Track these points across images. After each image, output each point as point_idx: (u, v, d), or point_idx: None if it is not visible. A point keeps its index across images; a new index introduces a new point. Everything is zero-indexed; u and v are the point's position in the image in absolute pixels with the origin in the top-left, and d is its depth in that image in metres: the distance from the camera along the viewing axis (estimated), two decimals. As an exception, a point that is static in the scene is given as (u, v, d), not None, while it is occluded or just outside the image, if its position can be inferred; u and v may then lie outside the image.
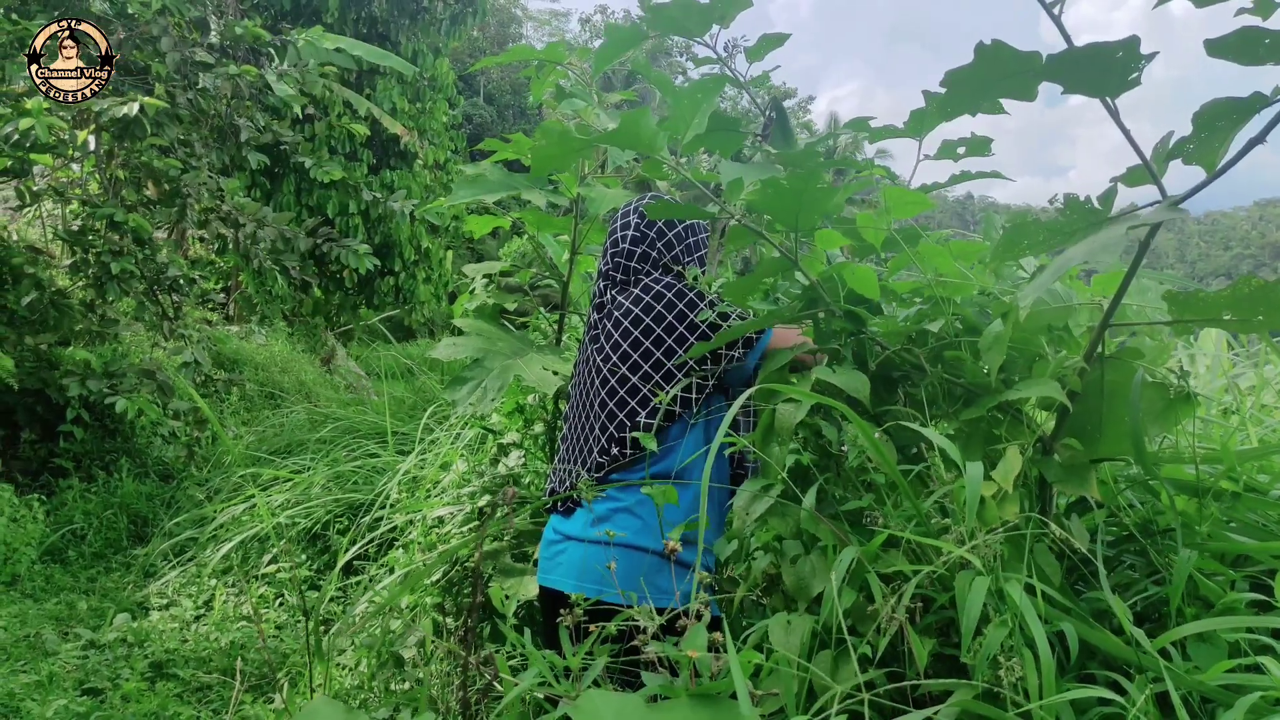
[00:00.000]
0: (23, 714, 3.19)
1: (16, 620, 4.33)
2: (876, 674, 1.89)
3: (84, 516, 5.69)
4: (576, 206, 3.75)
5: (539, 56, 3.61)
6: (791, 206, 1.96)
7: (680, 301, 2.37)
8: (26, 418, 6.25)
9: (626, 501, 2.33)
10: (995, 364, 1.88)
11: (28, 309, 6.39)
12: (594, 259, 4.01)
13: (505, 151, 3.83)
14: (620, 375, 2.39)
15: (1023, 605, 1.69)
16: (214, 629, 4.28)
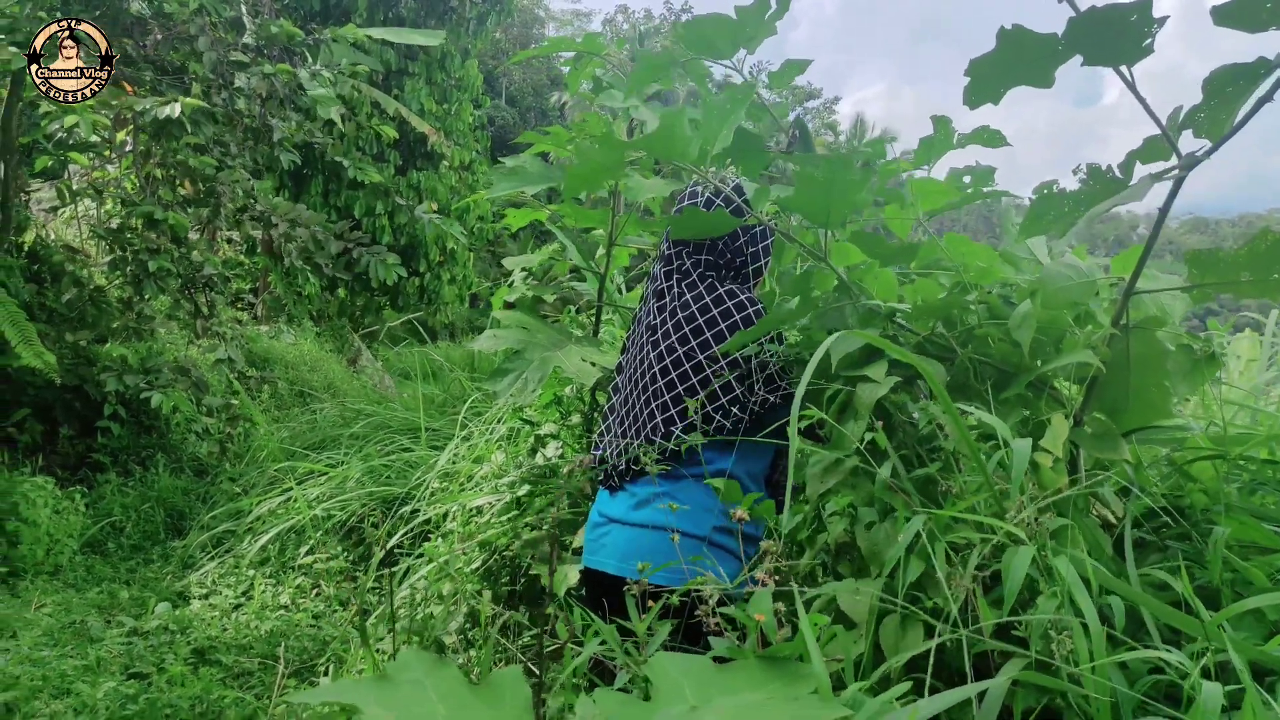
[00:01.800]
0: (74, 694, 3.25)
1: (61, 608, 4.41)
2: (947, 636, 1.93)
3: (122, 510, 5.77)
4: (614, 198, 3.79)
5: (576, 48, 3.65)
6: (822, 201, 2.00)
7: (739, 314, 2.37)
8: (65, 413, 6.34)
9: (667, 487, 2.36)
10: (1027, 340, 1.91)
11: (66, 306, 6.49)
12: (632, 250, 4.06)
13: (543, 144, 3.88)
14: (673, 375, 2.42)
15: (1069, 578, 1.72)
16: (253, 617, 4.34)
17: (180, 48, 6.92)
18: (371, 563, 4.49)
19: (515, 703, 1.29)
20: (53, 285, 6.63)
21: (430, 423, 6.20)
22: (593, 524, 2.54)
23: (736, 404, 2.37)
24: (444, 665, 1.30)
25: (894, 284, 2.12)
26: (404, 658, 1.28)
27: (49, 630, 4.01)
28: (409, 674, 1.26)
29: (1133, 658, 1.62)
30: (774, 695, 1.38)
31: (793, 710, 1.31)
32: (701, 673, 1.41)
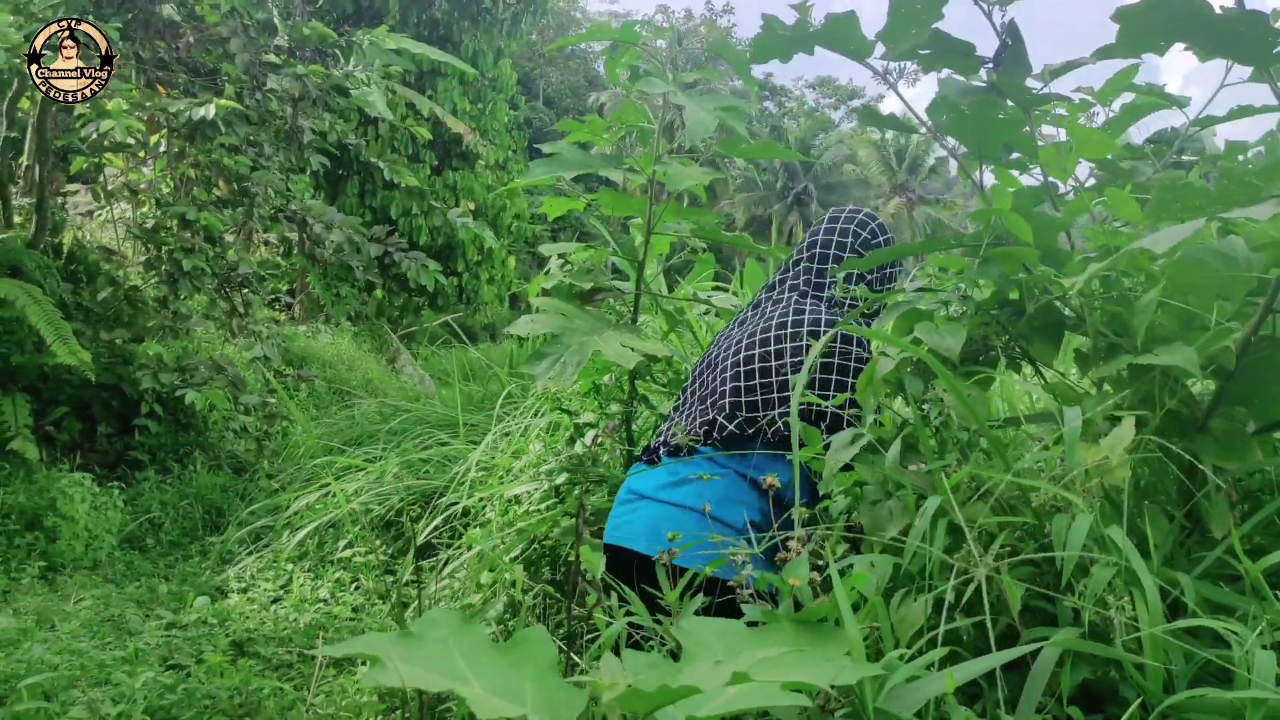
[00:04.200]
0: (114, 684, 3.23)
1: (100, 602, 4.41)
2: (963, 621, 1.86)
3: (160, 506, 5.79)
4: (651, 187, 3.73)
5: (614, 36, 3.62)
6: (975, 133, 1.94)
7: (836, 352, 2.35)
8: (103, 412, 6.38)
9: (703, 469, 2.32)
10: (1142, 324, 1.83)
11: (102, 305, 6.53)
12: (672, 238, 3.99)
13: (580, 133, 3.83)
14: (755, 368, 2.41)
15: (1126, 548, 1.64)
16: (292, 610, 4.31)
17: (213, 50, 6.96)
18: (409, 555, 4.47)
19: (540, 661, 1.24)
20: (88, 285, 6.68)
21: (469, 418, 6.17)
22: (620, 500, 2.50)
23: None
24: (470, 624, 1.25)
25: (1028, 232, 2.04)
26: (431, 615, 1.23)
27: (87, 623, 4.01)
28: (435, 632, 1.22)
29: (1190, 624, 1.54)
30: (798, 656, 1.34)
31: (824, 667, 1.26)
32: (733, 635, 1.38)
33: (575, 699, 1.17)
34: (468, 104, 14.20)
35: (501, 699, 1.14)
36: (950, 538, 1.95)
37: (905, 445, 2.30)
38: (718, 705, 1.14)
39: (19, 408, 5.45)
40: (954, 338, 2.10)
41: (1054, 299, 2.16)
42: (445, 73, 13.89)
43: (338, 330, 11.14)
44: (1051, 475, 2.03)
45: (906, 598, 1.94)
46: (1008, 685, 1.69)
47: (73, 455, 5.92)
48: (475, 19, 13.96)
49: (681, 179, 3.72)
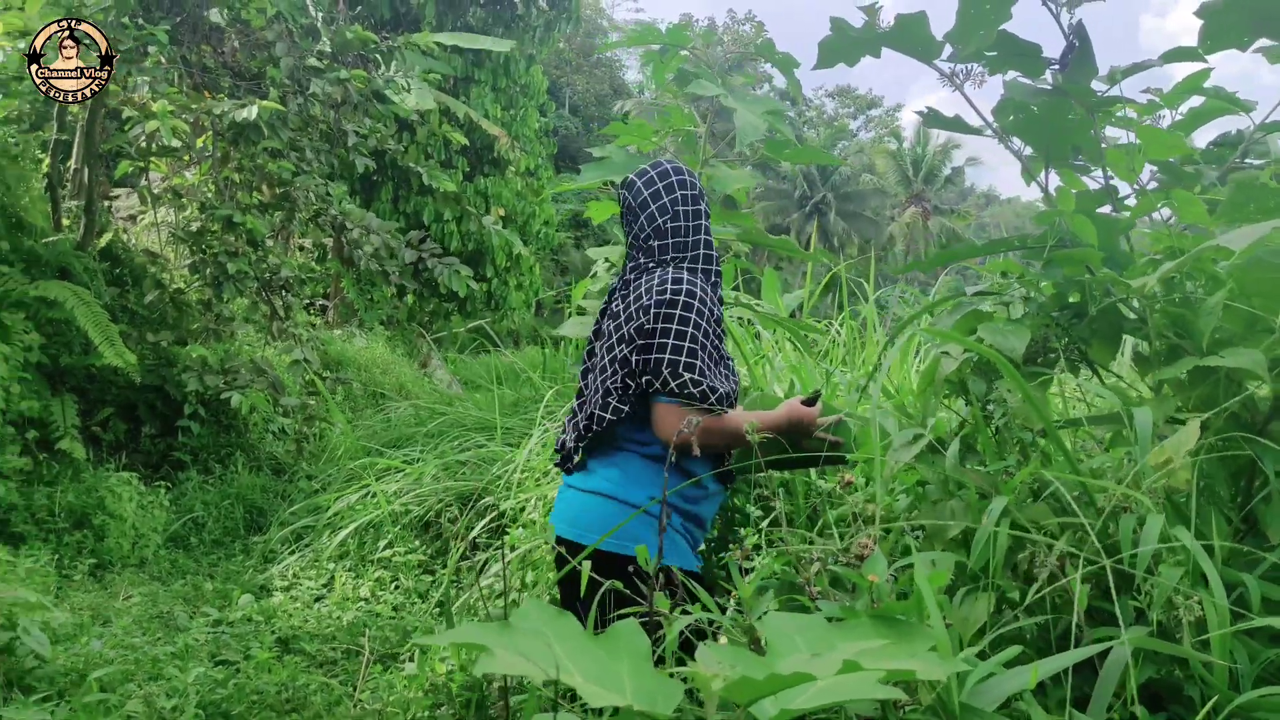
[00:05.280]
0: (166, 678, 3.28)
1: (148, 599, 4.48)
2: (1027, 622, 1.87)
3: (204, 506, 5.86)
4: (697, 190, 3.75)
5: (662, 39, 3.65)
6: (1042, 134, 1.96)
7: (677, 309, 2.28)
8: (147, 412, 6.47)
9: (612, 456, 2.38)
10: (1207, 327, 1.83)
11: (148, 308, 6.62)
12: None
13: (627, 136, 3.87)
14: (611, 357, 2.39)
15: (1193, 548, 1.65)
16: (335, 608, 4.36)
17: (258, 54, 7.05)
18: (451, 555, 4.51)
19: (633, 652, 1.26)
20: (134, 288, 6.77)
21: (504, 421, 6.21)
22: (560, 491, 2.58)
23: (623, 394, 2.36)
24: (563, 616, 1.28)
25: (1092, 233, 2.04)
26: (525, 608, 1.26)
27: (138, 619, 4.08)
28: (530, 622, 1.24)
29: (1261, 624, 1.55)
30: (890, 649, 1.35)
31: (911, 663, 1.27)
32: (814, 629, 1.40)
33: (673, 689, 1.19)
34: (499, 110, 14.29)
35: (603, 688, 1.16)
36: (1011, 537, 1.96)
37: (964, 445, 2.31)
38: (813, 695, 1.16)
39: (67, 408, 5.53)
40: (1018, 338, 2.11)
41: (1117, 301, 2.17)
42: (478, 80, 13.98)
43: (371, 334, 11.23)
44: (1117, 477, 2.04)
45: (968, 596, 1.95)
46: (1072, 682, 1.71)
47: (118, 455, 5.99)
48: (508, 25, 14.05)
49: (729, 182, 3.76)
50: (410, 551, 4.81)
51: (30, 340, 5.20)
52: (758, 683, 1.09)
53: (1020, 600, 1.87)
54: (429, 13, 13.18)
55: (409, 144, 12.24)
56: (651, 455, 2.33)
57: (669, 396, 2.23)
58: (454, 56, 12.11)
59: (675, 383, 2.22)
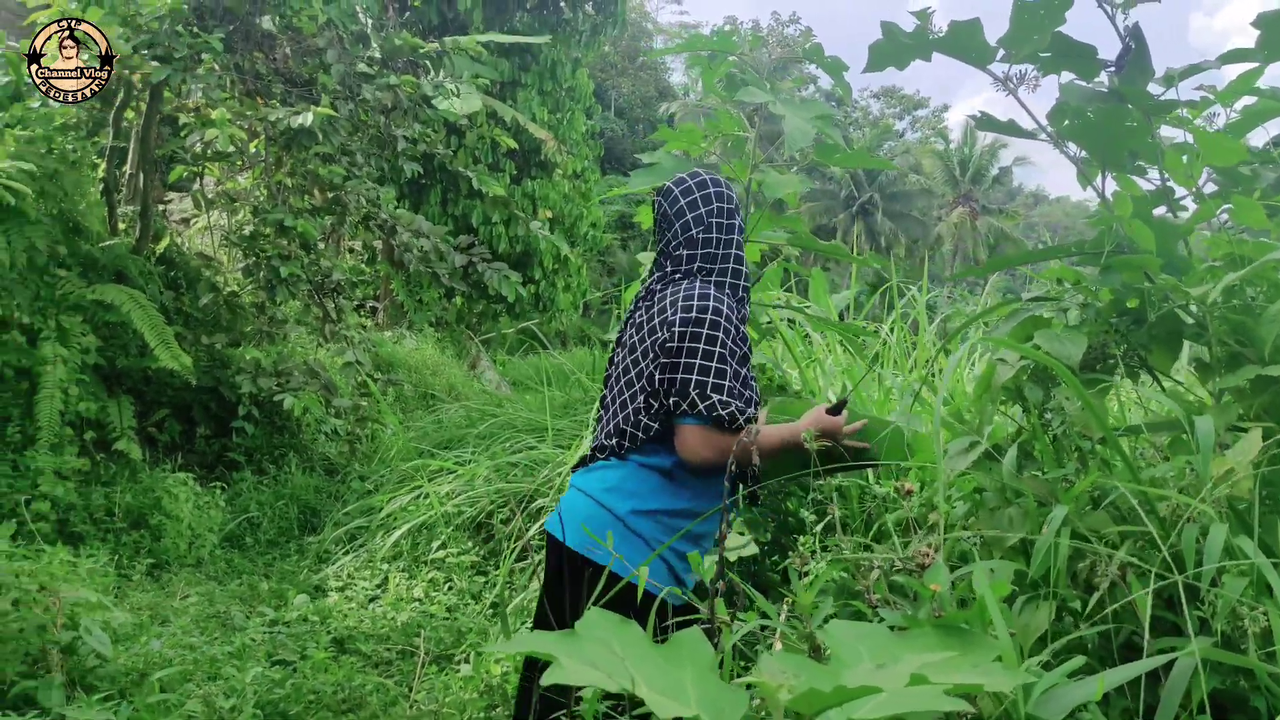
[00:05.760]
0: (224, 678, 3.33)
1: (205, 599, 4.55)
2: (1088, 631, 1.85)
3: (258, 506, 5.94)
4: (747, 195, 3.75)
5: (712, 46, 3.65)
6: (1098, 139, 1.94)
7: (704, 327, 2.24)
8: (202, 414, 6.57)
9: (616, 465, 2.34)
10: (1270, 334, 1.80)
11: (203, 311, 6.73)
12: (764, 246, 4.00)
13: (677, 141, 3.87)
14: (634, 371, 2.36)
15: (1258, 559, 1.63)
16: (389, 609, 4.40)
17: (309, 61, 7.14)
18: (504, 557, 4.53)
19: (698, 661, 1.26)
20: (189, 291, 6.89)
21: (554, 423, 6.24)
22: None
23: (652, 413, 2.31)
24: (628, 625, 1.28)
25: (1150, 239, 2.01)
26: (590, 617, 1.27)
27: (196, 618, 4.14)
28: (596, 632, 1.25)
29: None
30: (955, 660, 1.34)
31: (979, 676, 1.26)
32: (877, 638, 1.39)
33: (739, 699, 1.19)
34: (546, 114, 14.36)
35: (668, 698, 1.16)
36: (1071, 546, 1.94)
37: (1022, 452, 2.29)
38: (878, 706, 1.15)
39: (124, 409, 5.64)
40: (1075, 345, 2.09)
41: (1176, 307, 2.14)
42: (525, 84, 14.06)
43: (421, 336, 11.34)
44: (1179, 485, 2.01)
45: (1028, 604, 1.93)
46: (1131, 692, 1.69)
47: (174, 456, 6.10)
48: (554, 29, 14.12)
49: (779, 187, 3.74)
50: (463, 553, 4.85)
51: (88, 343, 5.30)
52: (825, 694, 1.09)
53: (1081, 609, 1.85)
54: (476, 18, 13.28)
55: (457, 148, 12.34)
56: (650, 467, 2.30)
57: (696, 418, 2.19)
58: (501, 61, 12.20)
59: (704, 404, 2.18)
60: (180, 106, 6.81)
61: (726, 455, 2.11)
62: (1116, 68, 2.28)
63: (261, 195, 7.05)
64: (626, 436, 2.30)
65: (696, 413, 2.17)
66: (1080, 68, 2.28)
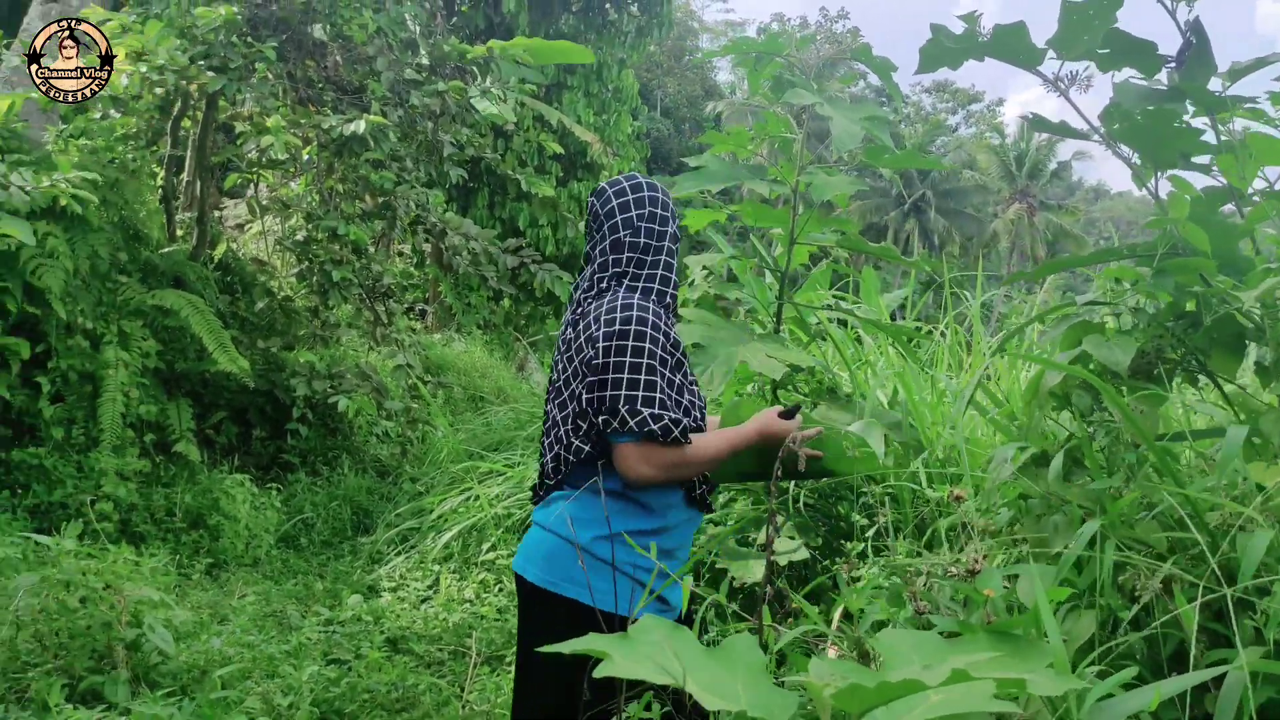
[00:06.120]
0: (281, 676, 3.41)
1: (262, 598, 4.64)
2: (1134, 637, 1.83)
3: (312, 507, 6.05)
4: (795, 196, 3.74)
5: (760, 48, 3.64)
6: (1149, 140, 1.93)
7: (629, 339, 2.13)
8: (258, 416, 6.70)
9: (570, 493, 2.23)
10: None
11: (258, 315, 6.87)
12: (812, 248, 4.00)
13: (724, 144, 3.87)
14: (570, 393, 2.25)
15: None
16: (441, 610, 4.47)
17: (359, 68, 7.25)
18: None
19: (749, 664, 1.28)
20: (244, 295, 7.03)
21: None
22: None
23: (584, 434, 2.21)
24: (680, 630, 1.30)
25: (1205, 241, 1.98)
26: (643, 622, 1.29)
27: (253, 617, 4.22)
28: (649, 636, 1.27)
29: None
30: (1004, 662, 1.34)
31: (1026, 676, 1.26)
32: (929, 644, 1.39)
33: (788, 699, 1.21)
34: (592, 116, 14.43)
35: (718, 696, 1.18)
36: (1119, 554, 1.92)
37: (1070, 460, 2.26)
38: (926, 709, 1.16)
39: (182, 412, 5.76)
40: (1124, 351, 2.06)
41: (1232, 311, 2.11)
42: (570, 86, 14.14)
43: (469, 338, 11.45)
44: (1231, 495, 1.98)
45: (1072, 613, 1.92)
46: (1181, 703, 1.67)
47: (231, 457, 6.22)
48: (600, 31, 14.18)
49: (827, 188, 3.72)
50: (513, 555, 4.89)
51: (148, 347, 5.43)
52: (869, 691, 1.10)
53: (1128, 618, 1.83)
54: (522, 21, 13.38)
55: (504, 151, 12.44)
56: (598, 491, 2.18)
57: (628, 435, 2.10)
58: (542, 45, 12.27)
59: (634, 420, 2.07)
60: (235, 115, 6.95)
61: (668, 470, 2.09)
62: (1177, 63, 2.24)
63: (313, 201, 7.17)
64: (561, 460, 2.22)
65: (628, 430, 2.08)
66: (1140, 63, 2.25)
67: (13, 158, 4.21)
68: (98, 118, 5.67)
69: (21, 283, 4.46)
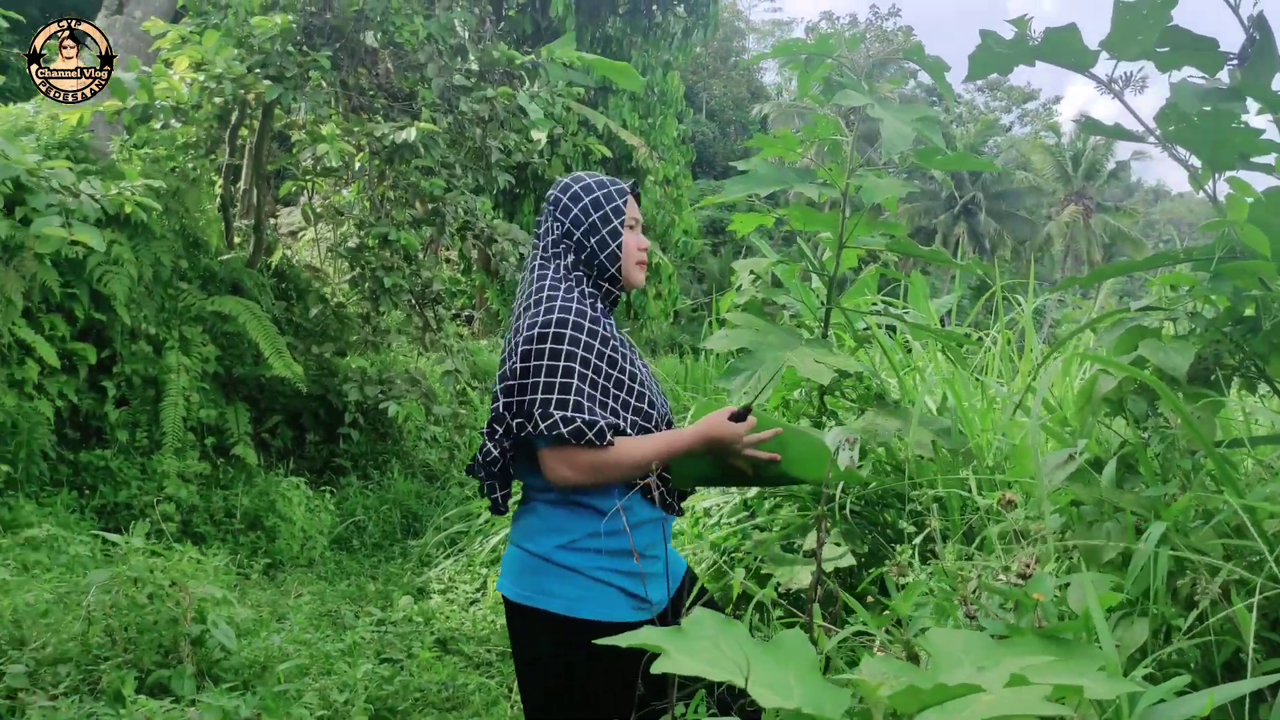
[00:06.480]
0: (337, 673, 3.48)
1: (317, 598, 4.73)
2: (1187, 644, 1.82)
3: (364, 510, 6.15)
4: (844, 200, 3.74)
5: (810, 49, 3.65)
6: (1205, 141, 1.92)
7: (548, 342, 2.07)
8: (311, 420, 6.83)
9: (533, 502, 2.21)
10: None
11: (312, 321, 7.00)
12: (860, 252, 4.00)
13: (773, 148, 3.88)
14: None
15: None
16: (489, 612, 4.53)
17: (410, 75, 7.35)
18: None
19: (802, 660, 1.31)
20: (299, 301, 7.16)
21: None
22: None
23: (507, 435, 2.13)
24: (732, 624, 1.33)
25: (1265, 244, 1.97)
26: (697, 616, 1.32)
27: (310, 616, 4.31)
28: (702, 630, 1.30)
29: None
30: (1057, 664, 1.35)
31: (1080, 680, 1.27)
32: (980, 645, 1.40)
33: (840, 696, 1.23)
34: (637, 119, 14.49)
35: (771, 691, 1.21)
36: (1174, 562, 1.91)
37: (1124, 466, 2.25)
38: (978, 710, 1.18)
39: (240, 416, 5.89)
40: (1181, 356, 2.05)
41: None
42: (615, 89, 14.22)
43: (516, 343, 11.54)
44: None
45: (1124, 619, 1.91)
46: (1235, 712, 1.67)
47: (286, 461, 6.35)
48: (646, 33, 14.25)
49: (877, 192, 3.71)
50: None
51: (207, 352, 5.57)
52: (924, 692, 1.12)
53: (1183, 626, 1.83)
54: (569, 25, 13.48)
55: (551, 156, 12.53)
56: (551, 501, 2.15)
57: (540, 440, 2.04)
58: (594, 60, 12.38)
59: (545, 424, 2.00)
60: (290, 124, 7.09)
61: (591, 473, 2.04)
62: (1239, 61, 2.21)
63: (364, 208, 7.29)
64: (489, 457, 2.15)
65: (539, 434, 2.02)
66: (1200, 61, 2.23)
67: (80, 167, 4.34)
68: (159, 127, 5.82)
69: (89, 289, 4.60)
